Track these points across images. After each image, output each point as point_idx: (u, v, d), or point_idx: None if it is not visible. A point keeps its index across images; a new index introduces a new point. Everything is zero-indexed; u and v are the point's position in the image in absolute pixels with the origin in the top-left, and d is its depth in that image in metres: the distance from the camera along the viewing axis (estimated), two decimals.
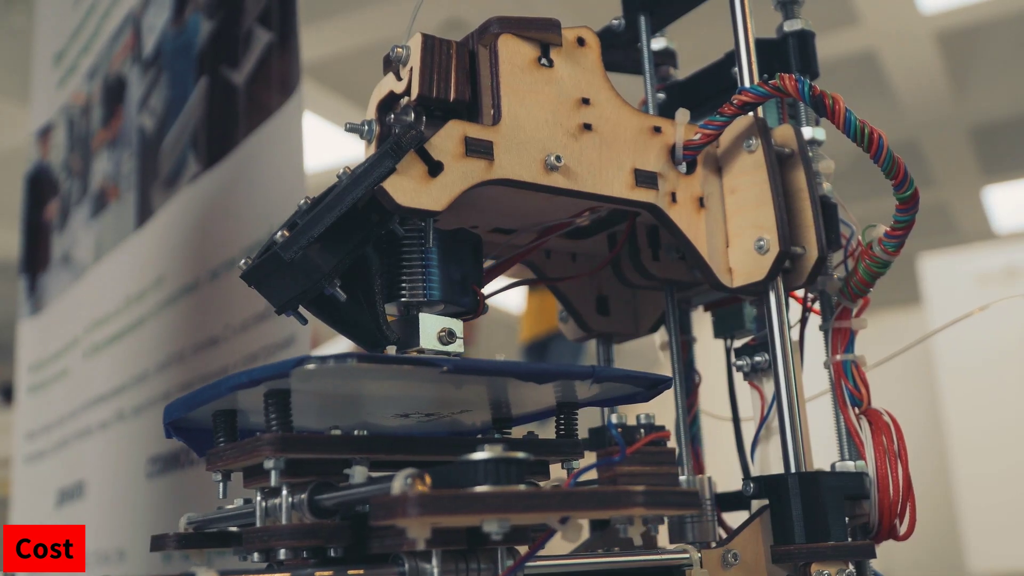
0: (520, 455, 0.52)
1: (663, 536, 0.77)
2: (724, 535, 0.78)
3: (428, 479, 0.51)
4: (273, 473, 0.58)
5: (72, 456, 1.78)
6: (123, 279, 1.66)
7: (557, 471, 0.70)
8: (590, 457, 0.71)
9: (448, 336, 0.67)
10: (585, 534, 0.85)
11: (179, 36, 1.55)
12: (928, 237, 5.50)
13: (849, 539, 0.73)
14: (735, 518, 0.78)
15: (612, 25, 0.92)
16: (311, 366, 0.55)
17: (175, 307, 1.47)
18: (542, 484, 0.67)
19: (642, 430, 0.63)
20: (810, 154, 0.80)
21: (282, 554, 0.59)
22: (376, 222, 0.64)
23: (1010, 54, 4.11)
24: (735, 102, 0.76)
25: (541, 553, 0.58)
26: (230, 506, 0.68)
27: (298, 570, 0.56)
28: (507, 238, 0.80)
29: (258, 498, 0.61)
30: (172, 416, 0.67)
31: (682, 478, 0.81)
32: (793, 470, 0.73)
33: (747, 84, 0.80)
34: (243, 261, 0.66)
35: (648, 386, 0.71)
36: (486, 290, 0.74)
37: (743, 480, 0.76)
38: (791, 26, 0.86)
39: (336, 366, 0.56)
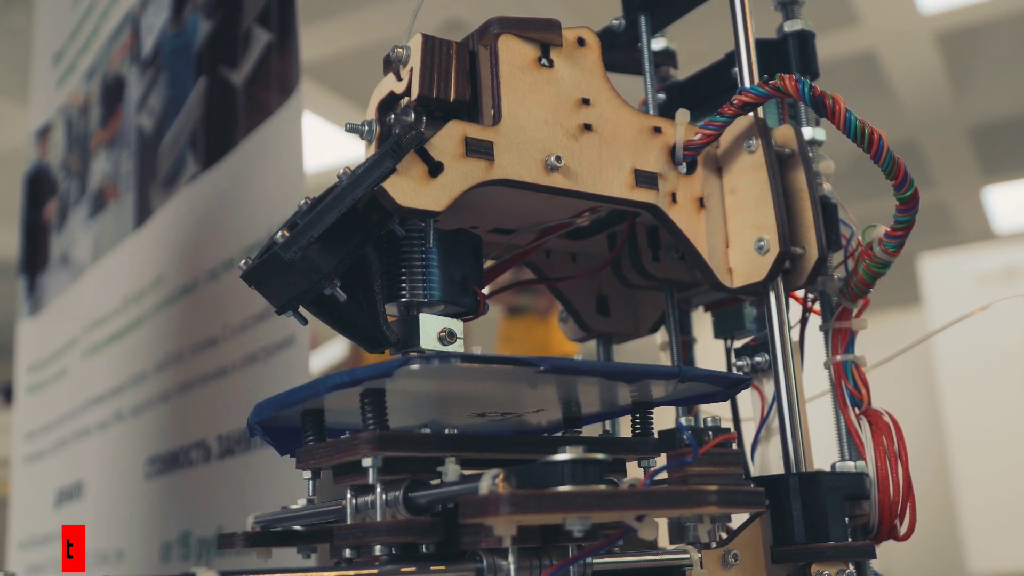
0: (600, 456, 0.54)
1: (663, 536, 0.77)
2: (724, 535, 0.78)
3: (513, 479, 0.53)
4: (371, 471, 0.59)
5: (71, 456, 1.78)
6: (122, 279, 1.66)
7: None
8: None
9: (448, 336, 0.67)
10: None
11: (178, 36, 1.55)
12: (928, 237, 5.50)
13: (849, 539, 0.72)
14: (735, 518, 0.78)
15: (612, 25, 0.92)
16: (416, 366, 0.56)
17: (174, 307, 1.46)
18: (620, 482, 0.68)
19: (710, 432, 0.64)
20: (810, 154, 0.80)
21: (377, 550, 0.60)
22: (376, 222, 0.64)
23: (1010, 54, 4.11)
24: (735, 102, 0.76)
25: None
26: (294, 506, 0.69)
27: (383, 566, 0.57)
28: (507, 238, 0.80)
29: (348, 495, 0.62)
30: (262, 416, 0.67)
31: None
32: (793, 470, 0.73)
33: (747, 84, 0.80)
34: (243, 261, 0.66)
35: (728, 386, 0.72)
36: (486, 290, 0.74)
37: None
38: (791, 26, 0.86)
39: (440, 366, 0.57)
